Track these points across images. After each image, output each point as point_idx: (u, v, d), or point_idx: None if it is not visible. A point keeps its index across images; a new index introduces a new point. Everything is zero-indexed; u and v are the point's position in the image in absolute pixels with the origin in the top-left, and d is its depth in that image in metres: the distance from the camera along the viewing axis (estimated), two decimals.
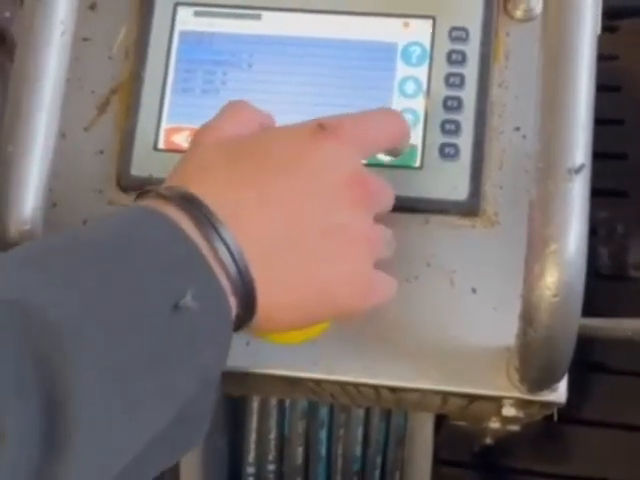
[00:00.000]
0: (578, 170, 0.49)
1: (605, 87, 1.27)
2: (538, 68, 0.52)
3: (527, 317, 0.50)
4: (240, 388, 0.73)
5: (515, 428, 0.76)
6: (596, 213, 1.18)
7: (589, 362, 1.16)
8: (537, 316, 0.50)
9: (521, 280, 0.50)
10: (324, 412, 0.89)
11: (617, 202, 1.21)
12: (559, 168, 0.49)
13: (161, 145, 0.63)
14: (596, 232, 1.15)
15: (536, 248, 0.49)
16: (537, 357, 0.52)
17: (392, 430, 0.89)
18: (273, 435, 0.90)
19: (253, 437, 0.90)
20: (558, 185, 0.49)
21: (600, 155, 1.16)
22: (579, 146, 0.50)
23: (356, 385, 0.59)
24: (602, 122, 1.17)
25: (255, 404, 0.89)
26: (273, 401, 0.89)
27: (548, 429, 1.09)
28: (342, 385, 0.60)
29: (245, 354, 0.59)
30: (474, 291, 0.59)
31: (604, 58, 1.32)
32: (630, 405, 1.13)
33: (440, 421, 0.89)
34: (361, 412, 0.88)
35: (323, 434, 0.90)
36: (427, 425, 0.84)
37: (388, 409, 0.88)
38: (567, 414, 1.14)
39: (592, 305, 0.57)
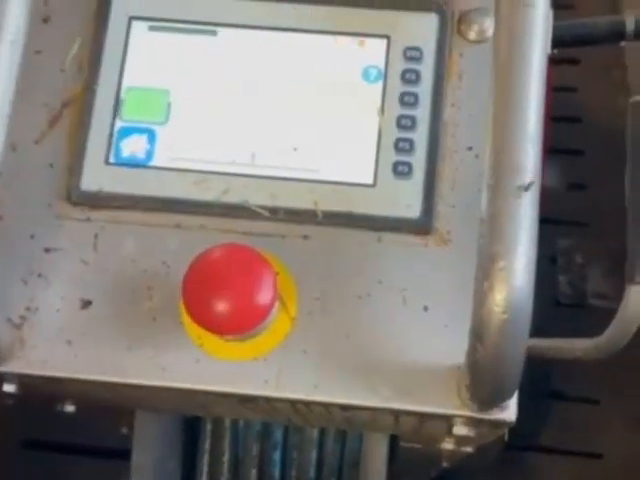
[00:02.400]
0: (527, 187, 0.50)
1: (566, 118, 1.30)
2: (490, 88, 0.53)
3: (476, 334, 0.50)
4: (191, 407, 0.72)
5: (469, 449, 0.75)
6: (556, 242, 1.20)
7: (548, 390, 1.17)
8: (486, 333, 0.50)
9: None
10: (278, 434, 0.88)
11: (577, 232, 1.23)
12: (508, 185, 0.50)
13: (112, 159, 0.62)
14: (556, 261, 1.16)
15: (485, 265, 0.50)
16: (486, 374, 0.52)
17: (347, 452, 0.88)
18: (226, 457, 0.88)
19: (206, 459, 0.89)
20: (507, 202, 0.50)
21: (561, 185, 1.18)
22: (528, 164, 0.50)
23: (307, 403, 0.59)
24: (563, 153, 1.20)
25: (208, 425, 0.88)
26: (227, 422, 0.88)
27: (508, 456, 1.10)
28: (293, 403, 0.59)
29: (195, 372, 0.58)
30: (426, 309, 0.59)
31: (565, 90, 1.36)
32: (588, 432, 1.13)
33: (396, 445, 0.89)
34: (315, 434, 0.87)
35: (277, 456, 0.88)
36: (381, 447, 0.83)
37: (343, 431, 0.87)
38: (526, 441, 1.14)
39: (551, 333, 0.58)
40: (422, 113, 0.62)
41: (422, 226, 0.60)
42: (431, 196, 0.61)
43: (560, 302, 1.13)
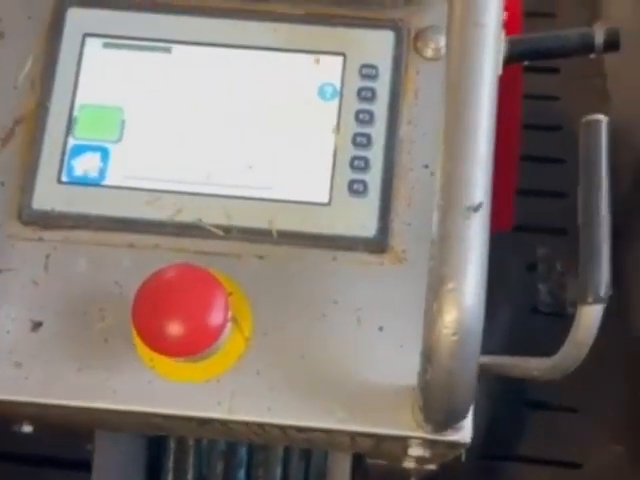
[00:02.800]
0: (477, 208, 0.49)
1: (546, 127, 1.31)
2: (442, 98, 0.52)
3: (427, 356, 0.50)
4: (148, 429, 0.71)
5: (432, 467, 0.75)
6: (536, 250, 1.20)
7: (526, 399, 1.16)
8: (436, 355, 0.49)
9: None
10: (242, 452, 0.87)
11: (557, 240, 1.23)
12: (458, 206, 0.49)
13: (65, 178, 0.62)
14: (536, 269, 1.16)
15: (435, 287, 0.49)
16: (438, 396, 0.51)
17: (312, 469, 0.87)
18: (191, 475, 0.87)
19: (170, 477, 0.87)
20: (456, 223, 0.49)
21: (541, 193, 1.18)
22: (478, 185, 0.50)
23: (261, 425, 0.58)
24: (543, 161, 1.20)
25: (172, 443, 0.87)
26: (190, 440, 0.87)
27: (486, 465, 1.09)
28: (247, 425, 0.59)
29: (147, 394, 0.58)
30: (381, 329, 0.59)
31: (545, 98, 1.36)
32: (567, 442, 1.13)
33: (361, 460, 0.88)
34: (280, 451, 0.86)
35: (242, 474, 0.87)
36: (345, 464, 0.82)
37: (308, 448, 0.86)
38: (505, 451, 1.14)
39: (531, 342, 0.58)
40: (378, 131, 0.62)
41: (377, 245, 0.60)
42: (387, 214, 0.60)
43: (540, 311, 1.13)
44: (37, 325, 0.59)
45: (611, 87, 1.25)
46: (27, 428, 0.68)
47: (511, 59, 0.69)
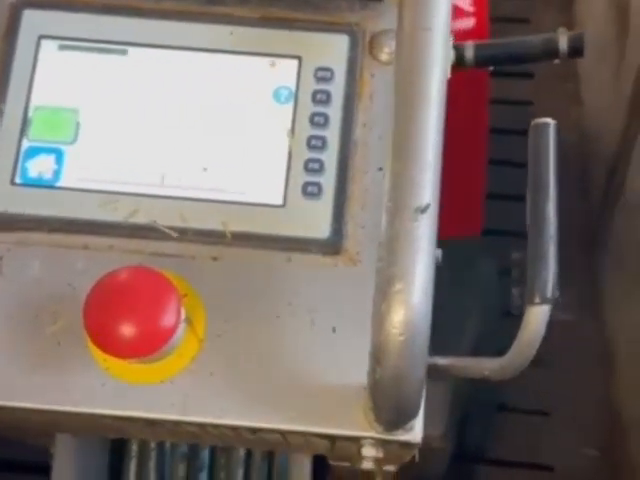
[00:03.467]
0: (424, 210, 0.50)
1: (521, 132, 1.31)
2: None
3: (375, 356, 0.50)
4: (104, 431, 0.71)
5: (391, 468, 0.75)
6: (509, 254, 1.20)
7: (497, 402, 1.17)
8: (384, 355, 0.50)
9: None
10: (205, 454, 0.87)
11: None
12: (405, 208, 0.50)
13: (19, 179, 0.61)
14: (509, 273, 1.16)
15: (383, 287, 0.49)
16: (387, 396, 0.52)
17: (274, 470, 0.87)
18: (152, 478, 0.87)
19: None
20: (404, 224, 0.50)
21: (515, 198, 1.19)
22: (425, 186, 0.50)
23: (215, 426, 0.58)
24: (518, 166, 1.21)
25: (134, 446, 0.87)
26: (152, 444, 0.86)
27: (458, 468, 1.10)
28: (201, 426, 0.59)
29: (100, 396, 0.58)
30: (334, 330, 0.59)
31: (520, 103, 1.37)
32: (539, 444, 1.14)
33: (324, 463, 0.88)
34: (242, 453, 0.86)
35: (204, 477, 0.87)
36: (306, 466, 0.82)
37: (269, 450, 0.86)
38: (477, 454, 1.14)
39: (503, 344, 0.58)
40: (332, 134, 0.62)
41: (332, 246, 0.60)
42: (341, 217, 0.61)
43: (512, 314, 1.14)
44: None
45: (584, 92, 1.26)
46: None
47: (477, 64, 0.69)
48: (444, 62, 0.53)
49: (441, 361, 0.58)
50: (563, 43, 0.72)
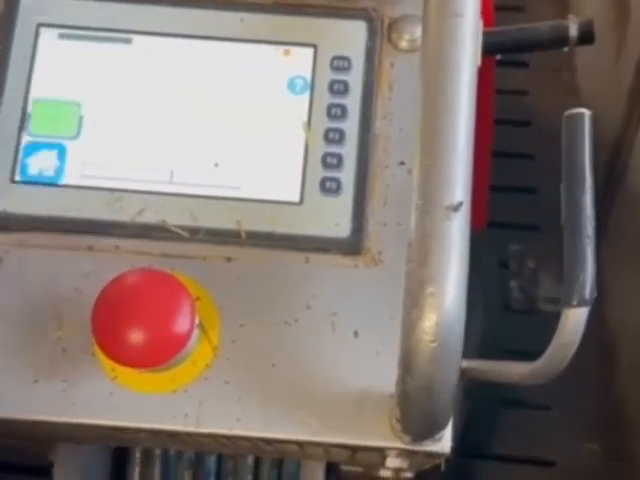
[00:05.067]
0: (457, 208, 0.46)
1: (516, 122, 1.29)
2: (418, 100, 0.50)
3: (405, 364, 0.47)
4: (112, 440, 0.67)
5: (409, 475, 0.72)
6: (508, 247, 1.18)
7: (499, 397, 1.15)
8: (415, 363, 0.46)
9: None
10: (211, 461, 0.83)
11: (528, 236, 1.21)
12: (437, 206, 0.46)
13: (19, 177, 0.58)
14: (507, 266, 1.14)
15: (413, 291, 0.46)
16: (417, 407, 0.49)
17: (284, 477, 0.84)
18: None
19: None
20: (436, 224, 0.46)
21: (511, 189, 1.17)
22: (458, 183, 0.47)
23: (229, 437, 0.55)
24: (513, 156, 1.18)
25: (137, 453, 0.83)
26: (157, 450, 0.83)
27: (459, 464, 1.07)
28: (216, 437, 0.55)
29: (108, 406, 0.54)
30: (356, 335, 0.56)
31: (514, 93, 1.34)
32: (542, 439, 1.12)
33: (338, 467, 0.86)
34: (250, 460, 0.83)
35: None
36: (318, 472, 0.80)
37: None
38: (478, 449, 1.12)
39: (502, 339, 0.56)
40: (351, 126, 0.59)
41: (352, 246, 0.57)
42: (361, 214, 0.57)
43: (511, 308, 1.12)
44: None
45: (580, 81, 1.23)
46: None
47: (483, 52, 0.67)
48: (475, 50, 0.49)
49: (469, 365, 0.55)
50: (573, 30, 0.69)
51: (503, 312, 1.19)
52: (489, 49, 0.68)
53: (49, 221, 0.57)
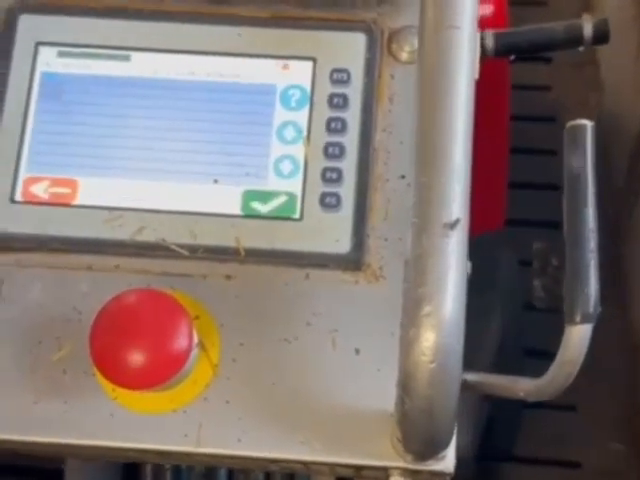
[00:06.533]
0: (454, 225, 0.46)
1: (539, 118, 1.27)
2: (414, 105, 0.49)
3: (404, 386, 0.46)
4: (117, 458, 0.67)
5: None
6: (531, 245, 1.17)
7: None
8: (414, 385, 0.46)
9: None
10: (222, 474, 0.83)
11: (551, 233, 1.20)
12: (433, 223, 0.46)
13: (18, 197, 0.58)
14: (530, 264, 1.13)
15: (410, 310, 0.45)
16: (417, 427, 0.48)
17: None
18: None
19: None
20: (432, 241, 0.46)
21: (534, 186, 1.15)
22: (454, 199, 0.46)
23: (231, 457, 0.55)
24: (536, 153, 1.16)
25: (148, 467, 0.83)
26: (167, 464, 0.83)
27: (484, 467, 1.06)
28: (215, 457, 0.55)
29: (109, 427, 0.54)
30: (357, 352, 0.55)
31: (538, 89, 1.33)
32: (565, 441, 1.10)
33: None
34: (261, 475, 0.83)
35: None
36: None
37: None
38: (505, 453, 1.10)
39: (525, 339, 0.54)
40: (351, 140, 0.58)
41: (352, 262, 0.56)
42: (361, 229, 0.56)
43: (535, 307, 1.10)
44: None
45: (604, 76, 1.22)
46: None
47: (497, 53, 0.66)
48: (472, 62, 0.48)
49: (471, 377, 0.54)
50: (588, 30, 0.68)
51: (526, 311, 1.18)
52: (503, 50, 0.67)
53: (49, 240, 0.57)
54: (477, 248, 0.65)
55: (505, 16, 0.92)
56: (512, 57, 0.79)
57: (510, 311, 1.06)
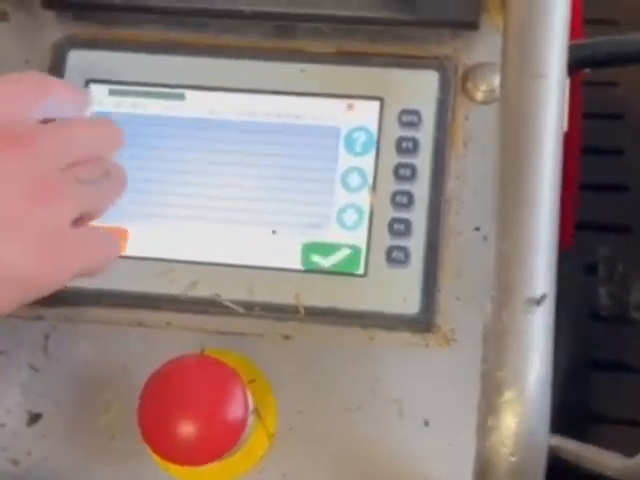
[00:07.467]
0: (539, 301, 0.41)
1: (605, 115, 1.21)
2: (494, 163, 0.44)
3: (480, 477, 0.42)
4: None
5: None
6: (596, 250, 1.11)
7: (588, 411, 1.07)
8: (491, 478, 0.41)
9: None
10: None
11: (618, 238, 1.13)
12: (515, 298, 0.41)
13: None
14: (596, 271, 1.07)
15: (489, 395, 0.41)
16: None
17: None
18: None
19: None
20: (514, 318, 0.41)
21: (600, 187, 1.09)
22: (540, 272, 0.41)
23: None
24: (602, 152, 1.10)
25: None
26: None
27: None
28: None
29: None
30: (426, 423, 0.51)
31: (604, 85, 1.26)
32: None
33: None
34: None
35: None
36: None
37: None
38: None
39: (592, 349, 0.50)
40: (421, 188, 0.53)
41: (421, 323, 0.52)
42: (432, 287, 0.52)
43: (601, 316, 1.04)
44: (35, 417, 0.52)
45: None
46: None
47: (572, 68, 0.61)
48: (560, 115, 0.43)
49: (558, 443, 0.48)
50: None
51: (591, 320, 1.12)
52: (578, 63, 0.62)
53: (97, 294, 0.54)
54: None
55: (581, 27, 0.86)
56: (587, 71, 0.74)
57: (576, 323, 1.01)
